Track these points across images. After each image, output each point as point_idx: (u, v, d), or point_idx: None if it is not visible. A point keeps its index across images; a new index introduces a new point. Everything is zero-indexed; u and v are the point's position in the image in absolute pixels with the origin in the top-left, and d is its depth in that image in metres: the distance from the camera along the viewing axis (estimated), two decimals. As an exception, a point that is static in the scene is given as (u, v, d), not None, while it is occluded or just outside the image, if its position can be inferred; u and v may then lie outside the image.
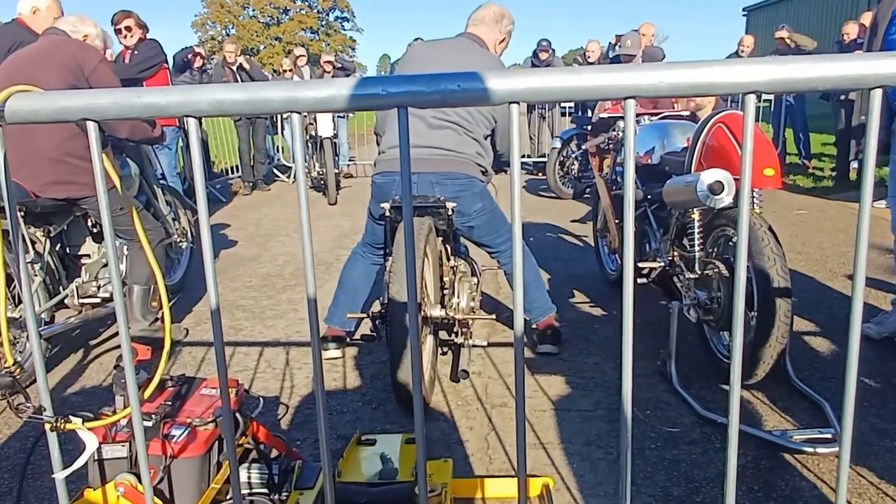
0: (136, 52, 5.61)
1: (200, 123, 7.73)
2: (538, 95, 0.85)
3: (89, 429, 1.33)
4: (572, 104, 9.34)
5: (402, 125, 0.90)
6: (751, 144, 0.86)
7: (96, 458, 1.62)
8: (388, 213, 2.70)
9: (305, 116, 8.69)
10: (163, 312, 1.38)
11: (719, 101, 5.64)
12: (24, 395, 1.22)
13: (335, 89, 0.88)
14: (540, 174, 8.86)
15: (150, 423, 1.65)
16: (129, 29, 5.58)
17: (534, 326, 3.25)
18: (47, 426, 1.02)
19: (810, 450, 2.29)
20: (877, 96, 0.82)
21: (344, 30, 55.16)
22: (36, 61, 3.02)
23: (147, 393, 1.41)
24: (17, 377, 1.06)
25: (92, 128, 0.93)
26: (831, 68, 0.81)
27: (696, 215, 2.87)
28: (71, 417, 1.28)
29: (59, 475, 1.04)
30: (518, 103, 0.87)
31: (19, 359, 2.82)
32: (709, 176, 2.52)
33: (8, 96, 0.92)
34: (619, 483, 1.03)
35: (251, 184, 8.63)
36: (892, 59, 0.79)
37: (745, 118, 0.86)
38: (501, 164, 3.23)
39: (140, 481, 1.57)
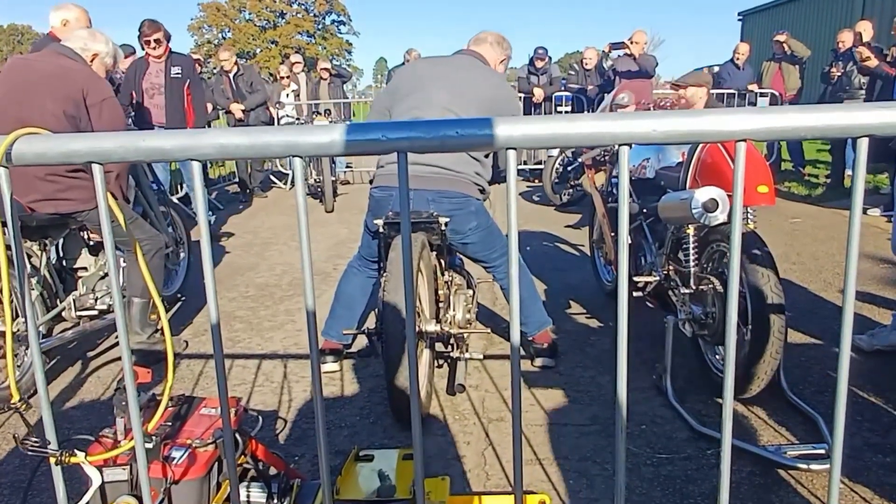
0: (175, 69, 5.81)
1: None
2: (535, 142, 0.88)
3: (92, 462, 1.34)
4: (569, 108, 9.38)
5: (401, 169, 0.92)
6: (741, 188, 0.89)
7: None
8: (381, 230, 2.72)
9: (303, 124, 8.71)
10: (162, 325, 1.40)
11: (712, 99, 5.68)
12: (28, 428, 1.23)
13: (335, 135, 0.90)
14: (536, 181, 8.90)
15: (150, 445, 1.66)
16: (158, 42, 5.75)
17: (530, 339, 3.27)
18: (52, 460, 1.03)
19: (804, 466, 2.31)
20: (863, 145, 0.85)
21: (340, 33, 55.22)
22: (43, 85, 2.98)
23: (152, 424, 1.42)
24: (23, 412, 1.07)
25: (97, 170, 0.95)
26: (818, 118, 0.84)
27: (691, 231, 2.89)
28: (75, 451, 1.30)
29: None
30: (515, 149, 0.89)
31: (17, 375, 2.84)
32: (703, 194, 2.55)
33: (15, 139, 0.94)
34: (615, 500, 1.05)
35: (249, 191, 8.64)
36: (876, 110, 0.82)
37: (736, 163, 0.89)
38: (500, 178, 3.25)
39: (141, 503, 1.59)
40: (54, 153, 0.94)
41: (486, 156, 3.01)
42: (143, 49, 5.88)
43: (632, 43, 7.95)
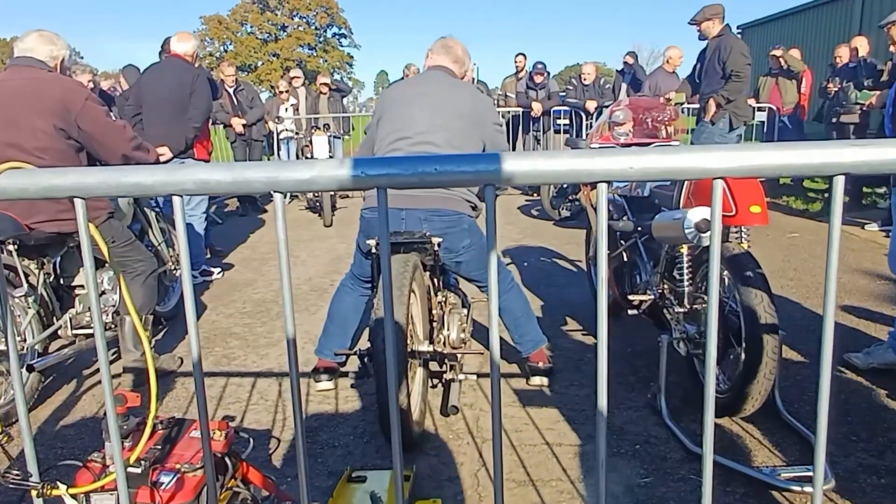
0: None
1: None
2: (515, 179, 0.88)
3: (73, 495, 1.34)
4: (567, 122, 9.40)
5: (381, 205, 0.92)
6: (719, 225, 0.89)
7: (85, 506, 1.63)
8: (374, 251, 2.73)
9: (302, 138, 8.75)
10: (153, 346, 1.40)
11: (727, 29, 5.92)
12: (9, 460, 1.23)
13: (316, 171, 0.90)
14: (535, 195, 8.91)
15: (138, 471, 1.66)
16: None
17: (525, 358, 3.26)
18: (34, 493, 1.03)
19: (798, 488, 2.30)
20: (839, 183, 0.85)
21: (341, 46, 55.47)
22: (21, 105, 2.96)
23: (135, 453, 1.42)
24: (5, 445, 1.07)
25: (80, 205, 0.96)
26: (795, 156, 0.84)
27: (684, 249, 2.89)
28: (57, 483, 1.29)
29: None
30: (495, 186, 0.90)
31: (3, 400, 2.83)
32: (696, 214, 2.56)
33: (-2, 174, 0.95)
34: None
35: (247, 205, 8.66)
36: (851, 147, 0.82)
37: (712, 200, 0.89)
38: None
39: (129, 530, 1.58)
40: (36, 188, 0.94)
41: None
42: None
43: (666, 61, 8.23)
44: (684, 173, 0.86)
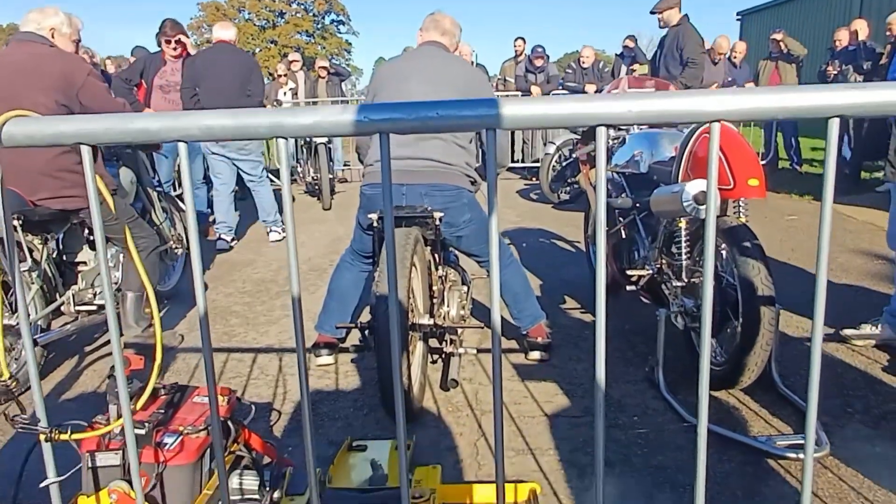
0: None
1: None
2: (515, 123, 0.89)
3: (82, 440, 1.36)
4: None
5: (383, 150, 0.94)
6: (716, 167, 0.91)
7: (90, 465, 1.66)
8: (375, 224, 2.74)
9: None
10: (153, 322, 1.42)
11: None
12: (19, 405, 1.25)
13: (319, 116, 0.92)
14: (533, 179, 8.92)
15: (142, 432, 1.68)
16: (179, 42, 5.80)
17: (524, 334, 3.29)
18: (42, 437, 1.05)
19: (793, 455, 2.33)
20: (834, 125, 0.86)
21: (340, 33, 55.14)
22: (22, 82, 2.96)
23: (140, 404, 1.45)
24: (13, 388, 1.09)
25: (86, 151, 0.97)
26: (790, 99, 0.85)
27: (683, 224, 2.91)
28: (65, 428, 1.31)
29: (50, 482, 1.07)
30: (495, 130, 0.91)
31: (14, 367, 2.85)
32: (693, 186, 2.57)
33: (5, 121, 0.96)
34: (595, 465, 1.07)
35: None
36: (846, 90, 0.84)
37: (710, 142, 0.91)
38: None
39: (133, 488, 1.61)
40: (44, 134, 0.96)
41: (470, 141, 3.03)
42: (158, 47, 5.92)
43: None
44: (682, 116, 0.87)
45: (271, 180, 9.47)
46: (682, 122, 0.89)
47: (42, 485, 1.08)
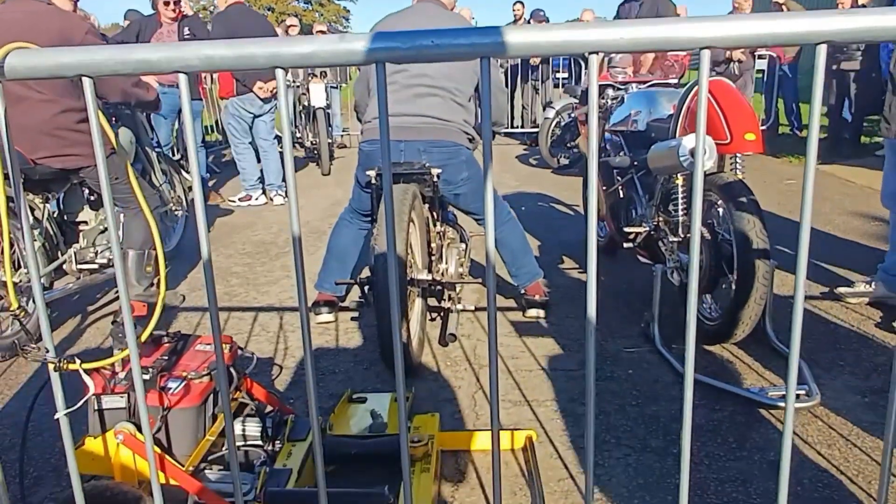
0: (186, 29, 5.88)
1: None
2: (507, 50, 0.91)
3: (90, 371, 1.40)
4: (566, 75, 9.34)
5: (379, 80, 0.95)
6: (705, 103, 0.92)
7: (96, 408, 1.70)
8: (374, 181, 2.76)
9: (298, 87, 8.68)
10: (158, 278, 1.45)
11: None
12: (27, 335, 1.28)
13: (317, 45, 0.93)
14: (533, 144, 8.89)
15: (147, 376, 1.72)
16: (177, 3, 5.79)
17: (522, 292, 3.32)
18: (51, 366, 1.08)
19: (784, 405, 2.37)
20: (821, 52, 0.88)
21: (337, 0, 54.47)
22: (22, 37, 2.96)
23: (144, 335, 1.48)
24: (22, 319, 1.12)
25: (88, 84, 0.99)
26: (780, 25, 0.87)
27: (680, 181, 2.92)
28: (74, 359, 1.35)
29: (61, 414, 1.11)
30: (489, 59, 0.93)
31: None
32: (690, 140, 2.58)
33: (6, 53, 0.97)
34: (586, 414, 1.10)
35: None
36: (834, 16, 0.85)
37: (699, 74, 0.92)
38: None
39: (139, 430, 1.65)
40: (46, 65, 0.97)
41: (469, 99, 3.03)
42: (153, 9, 5.87)
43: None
44: (672, 43, 0.89)
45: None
46: (672, 49, 0.90)
47: (56, 416, 1.11)
